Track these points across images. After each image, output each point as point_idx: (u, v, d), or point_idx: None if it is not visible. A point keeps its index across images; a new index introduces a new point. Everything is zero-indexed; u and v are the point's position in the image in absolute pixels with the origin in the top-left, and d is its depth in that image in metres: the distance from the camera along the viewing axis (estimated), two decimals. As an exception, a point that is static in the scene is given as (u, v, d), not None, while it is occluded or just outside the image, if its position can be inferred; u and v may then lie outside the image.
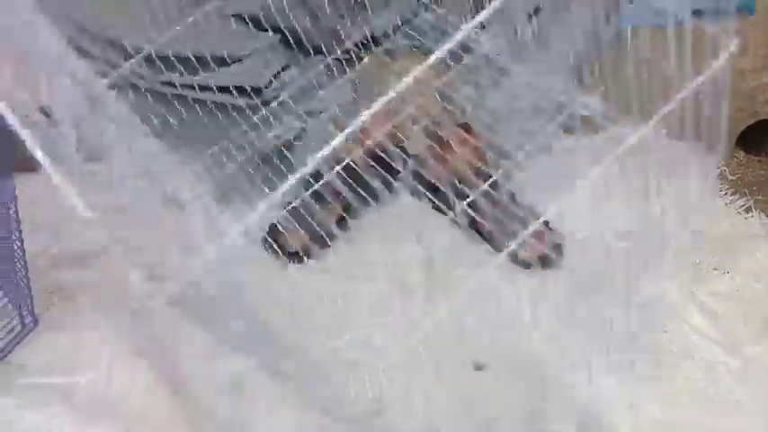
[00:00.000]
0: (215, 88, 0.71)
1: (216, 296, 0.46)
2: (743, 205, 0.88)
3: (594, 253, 0.76)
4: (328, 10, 0.72)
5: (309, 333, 0.60)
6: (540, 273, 0.78)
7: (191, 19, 0.64)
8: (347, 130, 0.41)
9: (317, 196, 0.78)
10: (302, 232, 0.77)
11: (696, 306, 0.71)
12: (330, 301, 0.70)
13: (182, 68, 0.65)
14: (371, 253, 0.80)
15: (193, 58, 0.65)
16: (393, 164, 0.87)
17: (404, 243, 0.82)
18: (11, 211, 0.64)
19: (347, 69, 0.75)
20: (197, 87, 0.69)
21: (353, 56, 0.76)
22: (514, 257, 0.79)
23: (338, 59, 0.78)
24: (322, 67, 0.79)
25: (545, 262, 0.78)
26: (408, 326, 0.67)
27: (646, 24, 0.76)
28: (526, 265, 0.79)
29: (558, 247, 0.79)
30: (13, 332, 0.68)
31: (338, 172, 0.76)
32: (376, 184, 0.86)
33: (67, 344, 0.65)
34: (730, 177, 0.96)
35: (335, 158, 0.78)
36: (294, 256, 0.80)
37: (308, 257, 0.80)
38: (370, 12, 0.71)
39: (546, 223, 0.81)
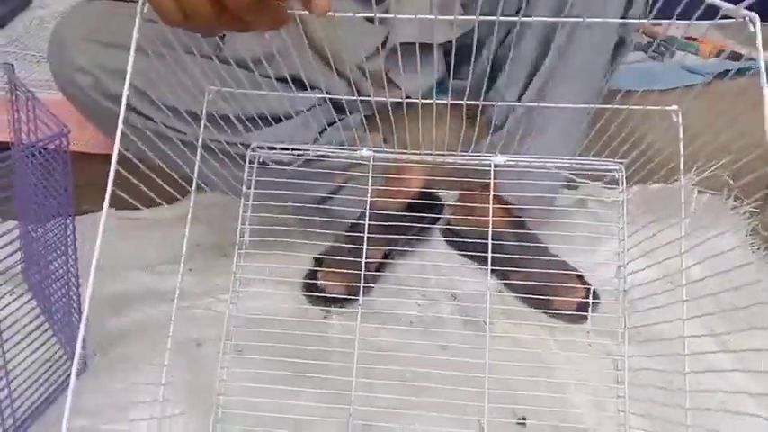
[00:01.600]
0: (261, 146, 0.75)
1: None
2: (777, 260, 0.89)
3: (628, 305, 0.77)
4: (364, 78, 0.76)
5: (349, 383, 0.61)
6: (574, 325, 0.79)
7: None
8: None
9: (357, 244, 0.80)
10: (342, 279, 0.80)
11: (734, 362, 0.71)
12: (367, 353, 0.71)
13: (226, 128, 0.69)
14: (408, 306, 0.81)
15: (235, 119, 0.69)
16: (427, 213, 0.90)
17: (439, 295, 0.83)
18: (69, 254, 0.66)
19: (379, 125, 0.79)
20: (240, 145, 0.72)
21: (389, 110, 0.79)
22: (550, 310, 0.80)
23: (372, 115, 0.81)
24: (359, 121, 0.82)
25: (580, 314, 0.79)
26: (447, 380, 0.68)
27: (677, 86, 0.79)
28: (562, 317, 0.80)
29: (592, 298, 0.80)
30: (63, 375, 0.70)
31: (376, 219, 0.78)
32: (412, 232, 0.88)
33: (119, 389, 0.66)
34: (763, 233, 0.97)
35: (373, 207, 0.81)
36: (335, 302, 0.82)
37: (349, 303, 0.81)
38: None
39: (579, 276, 0.82)
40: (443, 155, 0.68)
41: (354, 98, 0.58)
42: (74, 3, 1.25)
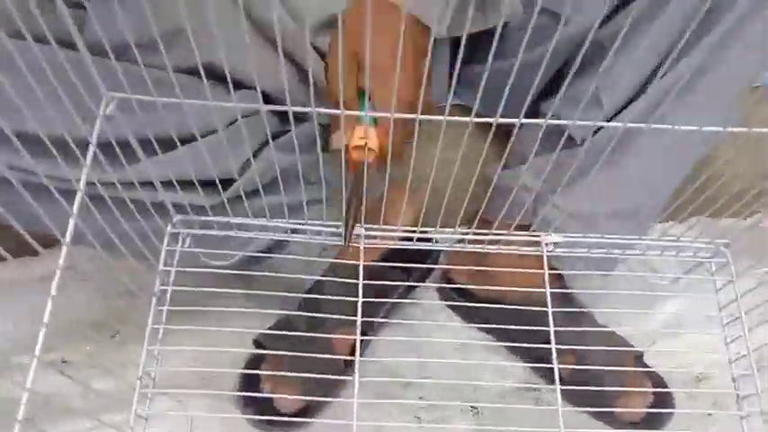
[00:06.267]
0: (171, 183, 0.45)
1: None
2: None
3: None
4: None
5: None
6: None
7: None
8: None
9: (317, 322, 0.53)
10: (297, 384, 0.52)
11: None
12: None
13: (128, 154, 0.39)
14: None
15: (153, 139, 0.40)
16: (417, 264, 0.62)
17: (447, 400, 0.57)
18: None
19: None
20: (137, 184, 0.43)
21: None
22: (609, 417, 0.55)
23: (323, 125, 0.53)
24: (314, 132, 0.52)
25: (654, 423, 0.54)
26: None
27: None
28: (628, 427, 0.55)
29: (666, 399, 0.55)
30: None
31: (342, 285, 0.51)
32: (396, 294, 0.61)
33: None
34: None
35: (340, 265, 0.54)
36: (286, 425, 0.54)
37: (307, 425, 0.54)
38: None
39: (640, 358, 0.57)
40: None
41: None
42: None
